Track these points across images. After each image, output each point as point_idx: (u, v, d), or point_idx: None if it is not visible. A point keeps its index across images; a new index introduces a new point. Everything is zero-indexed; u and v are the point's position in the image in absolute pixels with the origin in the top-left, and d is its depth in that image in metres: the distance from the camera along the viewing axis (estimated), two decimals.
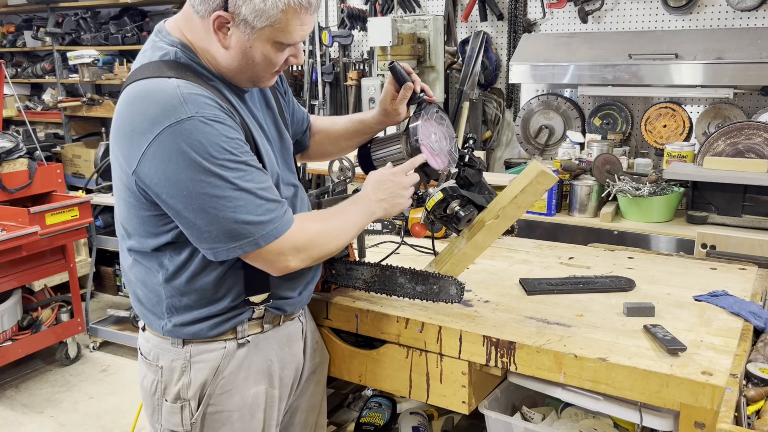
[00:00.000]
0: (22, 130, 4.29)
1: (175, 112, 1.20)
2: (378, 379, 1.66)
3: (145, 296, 1.41)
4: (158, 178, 1.22)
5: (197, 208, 1.23)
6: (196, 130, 1.20)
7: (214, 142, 1.21)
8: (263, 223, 1.27)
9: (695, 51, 3.03)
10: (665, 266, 1.91)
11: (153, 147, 1.20)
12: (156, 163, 1.21)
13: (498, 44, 3.86)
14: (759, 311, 1.52)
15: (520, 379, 1.50)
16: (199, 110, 1.21)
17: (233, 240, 1.26)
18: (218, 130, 1.22)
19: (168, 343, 1.41)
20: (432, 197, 1.58)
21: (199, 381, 1.41)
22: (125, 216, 1.37)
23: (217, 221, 1.24)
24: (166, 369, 1.42)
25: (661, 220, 2.79)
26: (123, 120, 1.26)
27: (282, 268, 1.34)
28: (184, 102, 1.21)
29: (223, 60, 1.31)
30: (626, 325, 1.49)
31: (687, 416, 1.25)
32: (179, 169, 1.20)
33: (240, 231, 1.25)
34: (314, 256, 1.37)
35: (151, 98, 1.22)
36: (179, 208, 1.24)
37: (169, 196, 1.24)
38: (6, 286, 3.50)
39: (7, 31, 5.92)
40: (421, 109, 1.59)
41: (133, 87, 1.26)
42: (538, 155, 3.68)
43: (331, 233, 1.40)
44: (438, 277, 1.60)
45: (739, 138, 2.78)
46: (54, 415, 3.37)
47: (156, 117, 1.20)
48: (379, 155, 1.67)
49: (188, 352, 1.40)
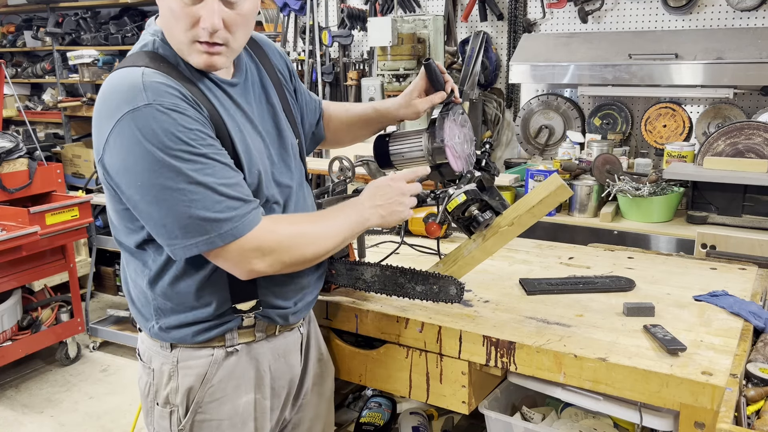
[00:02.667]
0: (22, 130, 4.29)
1: (134, 100, 1.17)
2: (378, 379, 1.66)
3: (136, 296, 1.40)
4: (117, 167, 1.21)
5: (152, 200, 1.19)
6: (152, 118, 1.16)
7: (169, 131, 1.17)
8: (220, 221, 1.21)
9: (695, 51, 3.02)
10: (665, 266, 1.91)
11: (113, 135, 1.19)
12: (116, 152, 1.19)
13: (498, 44, 3.86)
14: (759, 311, 1.52)
15: (520, 379, 1.50)
16: (157, 98, 1.18)
17: (189, 236, 1.21)
18: (175, 119, 1.18)
19: (158, 345, 1.39)
20: (454, 198, 1.57)
21: (186, 387, 1.38)
22: (109, 210, 1.36)
23: (171, 215, 1.19)
24: (156, 372, 1.40)
25: (661, 220, 2.79)
26: (95, 109, 1.26)
27: (247, 270, 1.27)
28: (143, 89, 1.18)
29: (165, 26, 1.28)
30: (626, 325, 1.49)
31: (687, 416, 1.25)
32: (135, 158, 1.18)
33: (195, 227, 1.20)
34: (284, 260, 1.29)
35: (117, 86, 1.21)
36: (136, 199, 1.21)
37: (127, 186, 1.21)
38: (6, 286, 3.50)
39: (7, 31, 5.92)
40: (449, 109, 1.58)
41: (108, 77, 1.27)
42: (538, 155, 3.68)
43: (307, 237, 1.32)
44: (438, 277, 1.60)
45: (739, 138, 2.78)
46: (54, 415, 3.37)
47: (117, 104, 1.19)
48: (397, 150, 1.64)
49: (176, 357, 1.38)
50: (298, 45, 4.51)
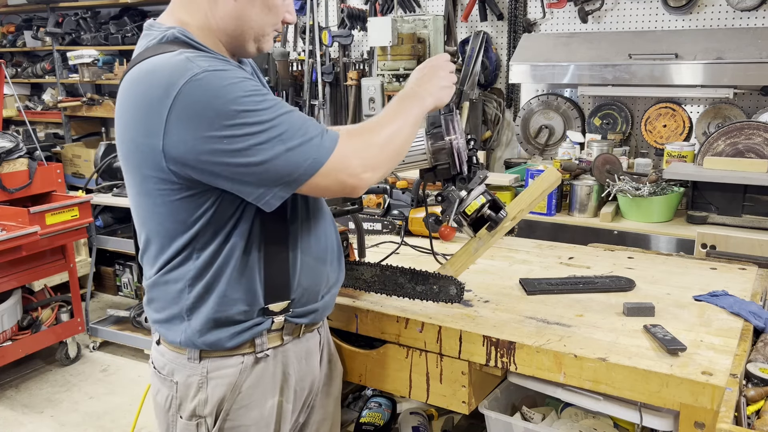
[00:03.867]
0: (22, 130, 4.30)
1: (187, 72, 1.15)
2: (378, 379, 1.66)
3: (165, 304, 1.34)
4: (190, 140, 1.15)
5: (241, 153, 1.15)
6: (213, 79, 1.15)
7: (233, 84, 1.15)
8: (313, 137, 1.19)
9: (695, 51, 3.02)
10: (665, 266, 1.91)
11: (174, 112, 1.14)
12: (183, 126, 1.14)
13: (498, 44, 3.85)
14: (759, 311, 1.52)
15: (520, 379, 1.50)
16: (210, 65, 1.17)
17: (291, 170, 1.17)
18: (233, 74, 1.17)
19: (184, 357, 1.34)
20: (473, 202, 1.57)
21: (217, 397, 1.34)
22: (148, 214, 1.29)
23: (269, 156, 1.16)
24: (181, 385, 1.35)
25: (661, 220, 2.79)
26: (132, 101, 1.20)
27: (355, 183, 1.23)
28: (191, 61, 1.16)
29: (227, 14, 1.28)
30: (626, 325, 1.49)
31: (687, 416, 1.25)
32: (210, 120, 1.14)
33: (296, 156, 1.17)
34: (383, 157, 1.26)
35: (158, 69, 1.18)
36: (220, 163, 1.16)
37: (207, 154, 1.15)
38: (6, 286, 3.50)
39: (7, 31, 5.92)
40: (450, 110, 1.56)
41: (135, 69, 1.22)
42: (538, 155, 3.68)
43: (389, 128, 1.29)
44: (438, 277, 1.60)
45: (739, 138, 2.78)
46: (54, 415, 3.37)
47: (168, 82, 1.15)
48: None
49: (205, 368, 1.33)
50: (298, 45, 4.51)
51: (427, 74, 1.43)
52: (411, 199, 2.23)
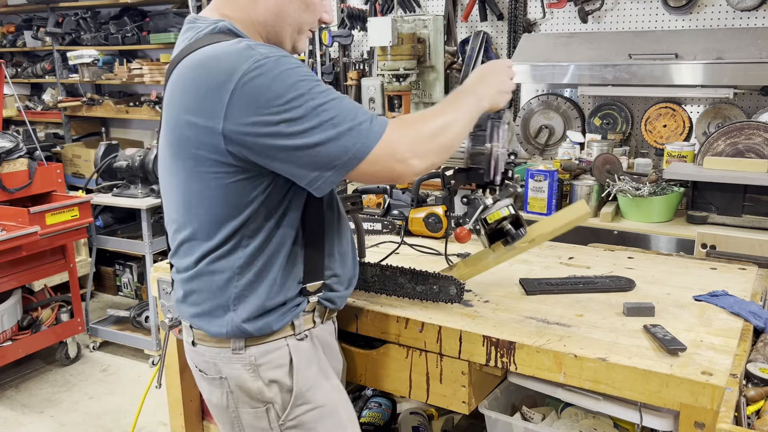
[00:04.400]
0: (22, 130, 4.29)
1: (250, 57, 1.18)
2: (378, 379, 1.66)
3: (208, 295, 1.33)
4: (250, 122, 1.18)
5: (296, 134, 1.18)
6: (274, 64, 1.18)
7: (292, 69, 1.19)
8: (362, 122, 1.21)
9: (695, 51, 3.02)
10: (665, 266, 1.91)
11: (237, 94, 1.17)
12: (244, 109, 1.18)
13: (498, 44, 3.85)
14: (759, 311, 1.52)
15: (520, 379, 1.50)
16: (270, 51, 1.20)
17: (340, 154, 1.20)
18: (291, 60, 1.21)
19: (228, 350, 1.34)
20: (496, 211, 1.56)
21: (275, 379, 1.35)
22: (198, 199, 1.29)
23: (320, 139, 1.19)
24: (232, 378, 1.35)
25: (661, 220, 2.79)
26: (191, 86, 1.23)
27: (403, 169, 1.25)
28: (253, 48, 1.20)
29: (268, 10, 1.33)
30: (626, 325, 1.49)
31: (687, 416, 1.25)
32: (269, 104, 1.17)
33: (344, 142, 1.20)
34: (433, 146, 1.27)
35: (220, 55, 1.21)
36: (280, 144, 1.19)
37: (267, 137, 1.19)
38: (6, 286, 3.50)
39: (7, 31, 5.92)
40: (500, 116, 1.55)
41: (192, 56, 1.24)
42: (538, 155, 3.68)
43: (441, 120, 1.30)
44: (438, 277, 1.60)
45: (739, 138, 2.78)
46: (54, 415, 3.37)
47: (231, 66, 1.18)
48: None
49: (252, 356, 1.34)
50: None
51: (487, 75, 1.45)
52: (411, 199, 2.23)
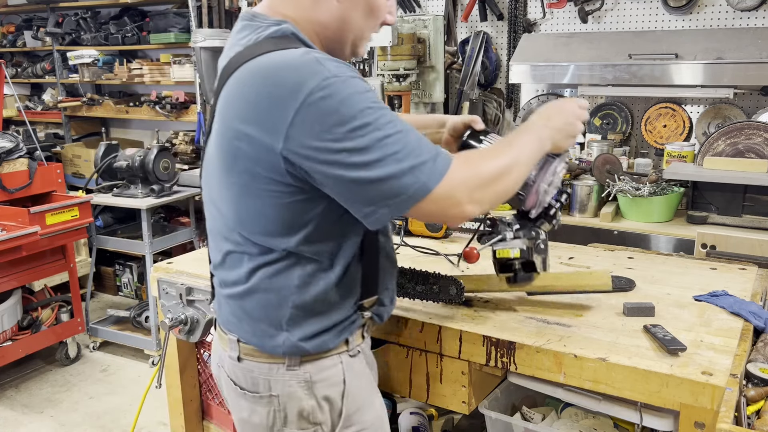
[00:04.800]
0: (22, 130, 4.29)
1: (317, 74, 1.10)
2: (378, 379, 1.66)
3: (262, 313, 1.26)
4: (311, 147, 1.10)
5: (356, 165, 1.10)
6: (345, 86, 1.10)
7: (360, 93, 1.12)
8: (426, 161, 1.12)
9: (695, 51, 3.02)
10: (665, 266, 1.91)
11: (300, 114, 1.09)
12: (307, 131, 1.10)
13: (498, 44, 3.85)
14: (759, 311, 1.52)
15: (520, 379, 1.50)
16: (339, 69, 1.12)
17: (400, 191, 1.11)
18: (359, 83, 1.13)
19: (282, 366, 1.27)
20: (507, 249, 1.46)
21: (327, 398, 1.29)
22: (253, 216, 1.21)
23: (380, 175, 1.11)
24: (283, 396, 1.28)
25: (661, 220, 2.79)
26: (252, 96, 1.14)
27: (457, 213, 1.16)
28: (321, 63, 1.12)
29: (331, 16, 1.25)
30: (626, 325, 1.49)
31: (687, 416, 1.25)
32: (333, 130, 1.09)
33: (408, 176, 1.11)
34: (490, 192, 1.19)
35: (286, 67, 1.12)
36: (338, 174, 1.11)
37: (327, 165, 1.11)
38: (6, 286, 3.50)
39: (7, 31, 5.92)
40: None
41: (256, 62, 1.16)
42: None
43: (503, 162, 1.22)
44: (438, 277, 1.60)
45: (739, 138, 2.78)
46: (54, 415, 3.37)
47: (297, 82, 1.10)
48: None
49: (307, 372, 1.27)
50: None
51: (554, 116, 1.38)
52: None
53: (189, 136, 4.72)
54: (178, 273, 1.96)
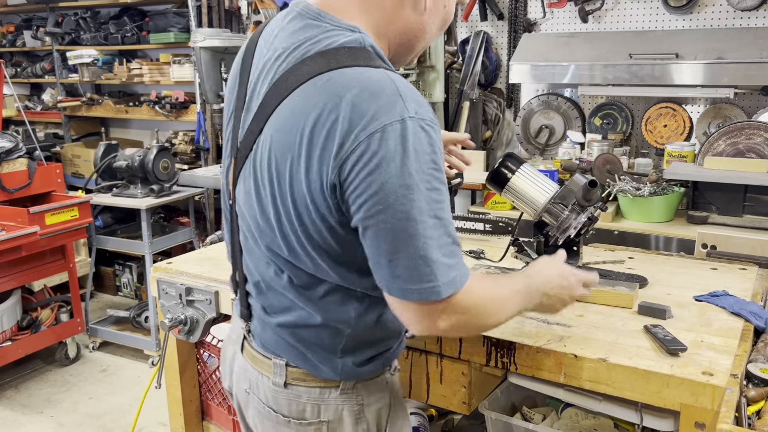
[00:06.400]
0: (21, 130, 4.29)
1: (395, 109, 0.99)
2: None
3: (318, 339, 1.19)
4: (362, 183, 1.00)
5: (388, 228, 1.00)
6: (414, 135, 0.99)
7: (427, 153, 1.00)
8: (448, 266, 1.02)
9: (695, 51, 3.02)
10: (665, 266, 1.90)
11: (363, 145, 0.99)
12: (362, 165, 1.00)
13: (498, 44, 3.85)
14: (759, 311, 1.52)
15: (520, 379, 1.50)
16: (419, 110, 1.01)
17: (413, 280, 1.01)
18: (433, 138, 1.01)
19: (335, 391, 1.21)
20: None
21: (376, 421, 1.25)
22: (322, 235, 1.10)
23: (405, 249, 1.00)
24: (335, 421, 1.21)
25: (661, 220, 2.79)
26: (320, 103, 1.03)
27: (428, 326, 1.07)
28: (403, 98, 1.01)
29: (412, 23, 1.17)
30: (626, 325, 1.48)
31: (687, 416, 1.24)
32: (386, 178, 0.99)
33: (423, 270, 1.00)
34: (472, 323, 1.11)
35: (362, 90, 1.01)
36: (369, 223, 1.02)
37: (364, 203, 1.01)
38: (6, 286, 3.50)
39: (7, 31, 5.91)
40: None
41: (331, 76, 1.04)
42: (539, 155, 3.68)
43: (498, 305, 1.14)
44: None
45: (739, 138, 2.78)
46: (54, 415, 3.36)
47: (375, 113, 0.99)
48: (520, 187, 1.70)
49: (360, 395, 1.23)
50: None
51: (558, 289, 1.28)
52: None
53: (189, 135, 4.72)
54: (178, 273, 1.95)
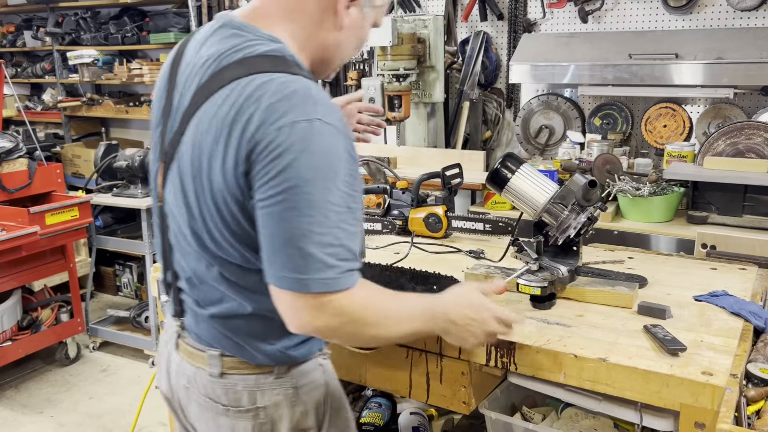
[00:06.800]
0: (22, 130, 4.29)
1: (305, 110, 1.06)
2: (378, 379, 1.66)
3: (249, 327, 1.22)
4: (263, 168, 1.06)
5: (274, 213, 1.06)
6: (324, 134, 1.06)
7: (337, 157, 1.07)
8: (327, 265, 1.07)
9: (695, 51, 3.02)
10: (665, 266, 1.91)
11: (271, 135, 1.05)
12: (268, 152, 1.06)
13: (498, 44, 3.85)
14: (759, 311, 1.52)
15: (520, 379, 1.50)
16: (329, 115, 1.08)
17: (286, 269, 1.07)
18: (341, 143, 1.09)
19: (270, 376, 1.24)
20: (529, 287, 1.56)
21: (314, 405, 1.28)
22: (241, 225, 1.14)
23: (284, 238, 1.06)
24: (271, 407, 1.24)
25: (661, 220, 2.79)
26: (243, 106, 1.09)
27: (303, 324, 1.11)
28: (314, 102, 1.08)
29: (331, 40, 1.23)
30: (626, 325, 1.49)
31: (687, 416, 1.25)
32: (285, 165, 1.05)
33: (297, 262, 1.06)
34: (349, 331, 1.14)
35: (277, 92, 1.08)
36: (261, 205, 1.07)
37: (261, 190, 1.07)
38: (6, 286, 3.50)
39: (7, 31, 5.92)
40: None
41: (249, 80, 1.10)
42: (538, 155, 3.68)
43: (385, 318, 1.17)
44: (438, 277, 1.60)
45: (739, 138, 2.78)
46: (54, 415, 3.37)
47: (286, 111, 1.06)
48: (519, 187, 1.67)
49: (294, 378, 1.26)
50: None
51: (467, 320, 1.27)
52: (411, 199, 2.23)
53: None
54: None
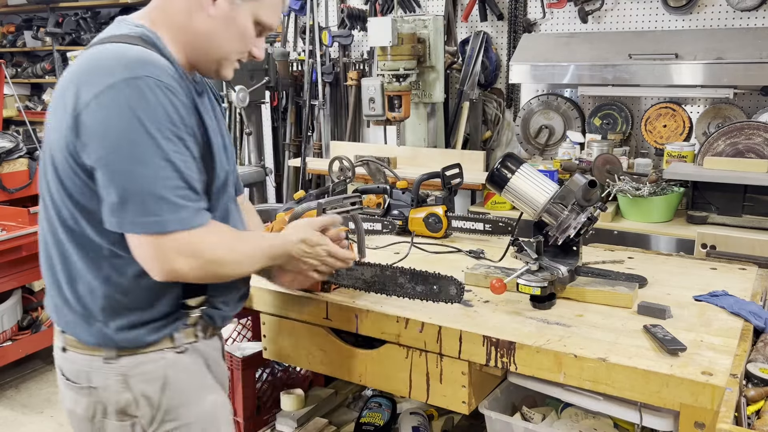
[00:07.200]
0: (22, 130, 4.29)
1: (134, 69, 1.17)
2: (378, 379, 1.66)
3: (80, 296, 1.28)
4: (95, 129, 1.17)
5: (119, 169, 1.16)
6: (149, 89, 1.16)
7: (161, 105, 1.17)
8: (178, 206, 1.18)
9: (695, 51, 3.02)
10: (665, 266, 1.91)
11: (102, 96, 1.16)
12: (100, 114, 1.16)
13: (498, 44, 3.85)
14: (759, 311, 1.52)
15: (520, 379, 1.50)
16: (157, 73, 1.19)
17: (141, 213, 1.16)
18: (168, 97, 1.19)
19: (99, 359, 1.29)
20: (530, 287, 1.57)
21: (145, 395, 1.31)
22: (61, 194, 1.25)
23: (133, 186, 1.16)
24: (102, 389, 1.30)
25: (661, 220, 2.79)
26: (72, 73, 1.22)
27: (167, 269, 1.20)
28: (143, 63, 1.19)
29: (200, 29, 1.29)
30: (626, 325, 1.49)
31: (687, 416, 1.25)
32: (119, 123, 1.15)
33: (152, 205, 1.17)
34: (209, 270, 1.24)
35: (110, 55, 1.20)
36: (102, 164, 1.17)
37: (97, 149, 1.17)
38: (6, 286, 3.49)
39: (7, 31, 5.92)
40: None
41: (91, 49, 1.25)
42: (538, 155, 3.68)
43: (238, 255, 1.29)
44: (438, 277, 1.60)
45: (739, 138, 2.78)
46: (54, 415, 3.37)
47: (111, 70, 1.17)
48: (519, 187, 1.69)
49: (124, 366, 1.29)
50: (298, 45, 4.51)
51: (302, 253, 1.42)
52: (411, 199, 2.23)
53: None
54: None
